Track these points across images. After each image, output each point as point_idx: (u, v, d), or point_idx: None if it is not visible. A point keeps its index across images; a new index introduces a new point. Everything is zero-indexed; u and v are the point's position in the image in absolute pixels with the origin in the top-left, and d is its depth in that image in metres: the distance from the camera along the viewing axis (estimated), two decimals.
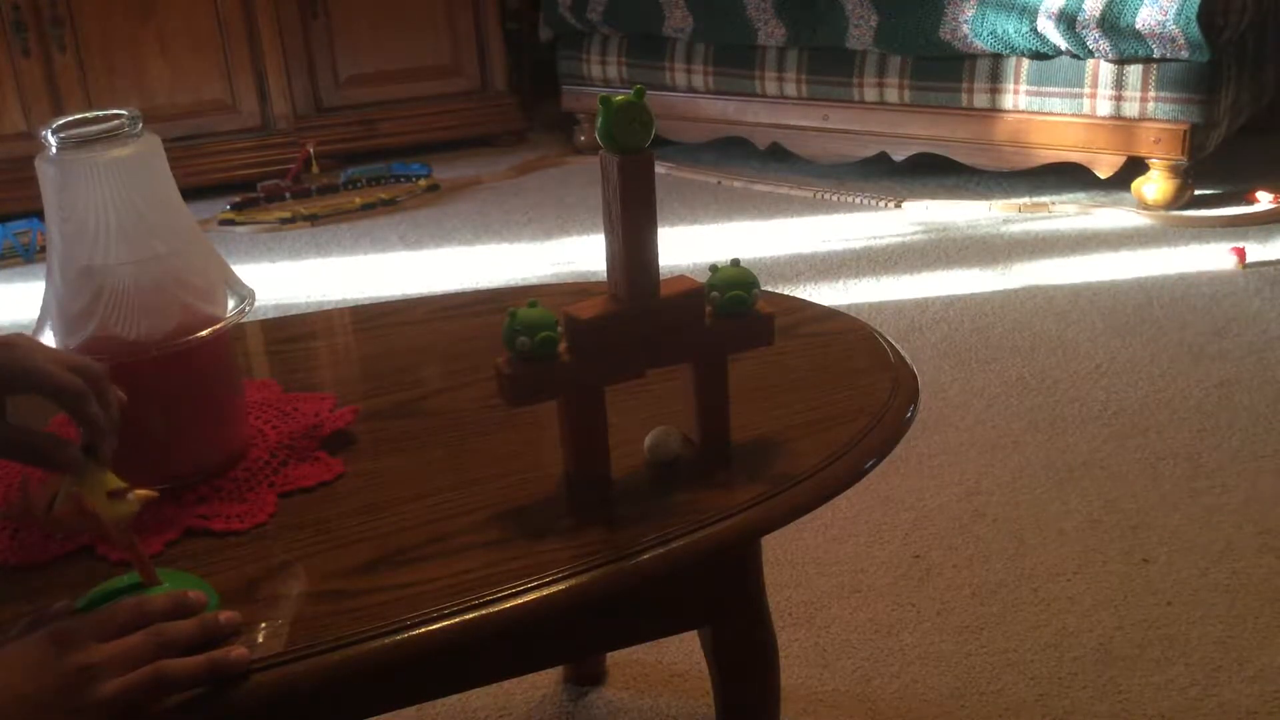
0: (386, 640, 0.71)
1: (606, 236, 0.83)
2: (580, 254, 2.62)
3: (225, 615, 0.71)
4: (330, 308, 2.26)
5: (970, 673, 1.29)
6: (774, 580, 1.45)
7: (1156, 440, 1.72)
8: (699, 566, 0.83)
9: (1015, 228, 2.61)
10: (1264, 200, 2.60)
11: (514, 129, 3.51)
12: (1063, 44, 2.54)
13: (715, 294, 0.86)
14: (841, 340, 1.07)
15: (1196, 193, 2.65)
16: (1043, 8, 2.52)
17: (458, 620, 0.73)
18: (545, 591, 0.75)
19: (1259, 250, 2.37)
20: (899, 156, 2.88)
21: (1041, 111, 2.66)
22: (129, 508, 0.75)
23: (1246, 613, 1.36)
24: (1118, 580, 1.43)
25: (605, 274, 0.85)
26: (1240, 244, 2.37)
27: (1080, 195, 2.76)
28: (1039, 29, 2.54)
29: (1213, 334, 2.04)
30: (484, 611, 0.73)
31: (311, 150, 3.18)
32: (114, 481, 0.74)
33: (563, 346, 0.82)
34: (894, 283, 2.35)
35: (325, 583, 0.77)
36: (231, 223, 2.94)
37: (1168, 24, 2.40)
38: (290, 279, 2.59)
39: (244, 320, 0.91)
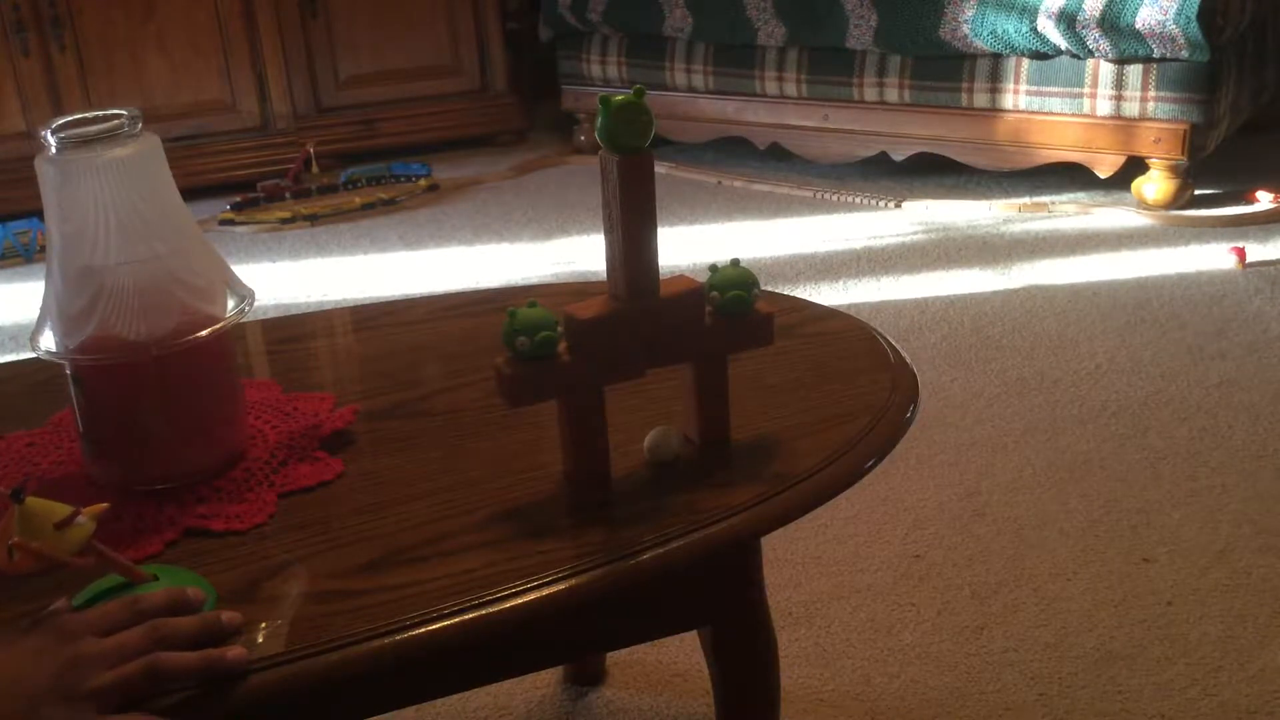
0: (386, 640, 0.71)
1: (606, 236, 0.83)
2: (580, 254, 2.62)
3: (227, 615, 0.71)
4: (330, 308, 2.26)
5: (970, 673, 1.29)
6: (774, 580, 1.45)
7: (1156, 440, 1.72)
8: (698, 566, 0.83)
9: (1015, 228, 2.61)
10: (1264, 200, 2.60)
11: (514, 129, 3.50)
12: (1063, 44, 2.54)
13: (715, 294, 0.86)
14: (841, 340, 1.07)
15: (1196, 193, 2.65)
16: (1043, 7, 2.52)
17: (458, 620, 0.73)
18: (545, 591, 0.75)
19: (1259, 250, 2.37)
20: (899, 156, 2.88)
21: (1041, 111, 2.66)
22: (82, 531, 0.71)
23: (1246, 613, 1.36)
24: (1118, 580, 1.43)
25: (605, 274, 0.85)
26: (1240, 244, 2.37)
27: (1080, 195, 2.76)
28: (1039, 29, 2.54)
29: (1213, 334, 2.04)
30: (484, 611, 0.73)
31: (311, 150, 3.18)
32: (58, 510, 0.71)
33: (562, 346, 0.82)
34: (894, 283, 2.35)
35: (325, 583, 0.77)
36: (231, 223, 2.94)
37: (1168, 24, 2.40)
38: (290, 279, 2.59)
39: (244, 320, 0.91)
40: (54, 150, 0.83)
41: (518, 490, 0.86)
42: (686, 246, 2.61)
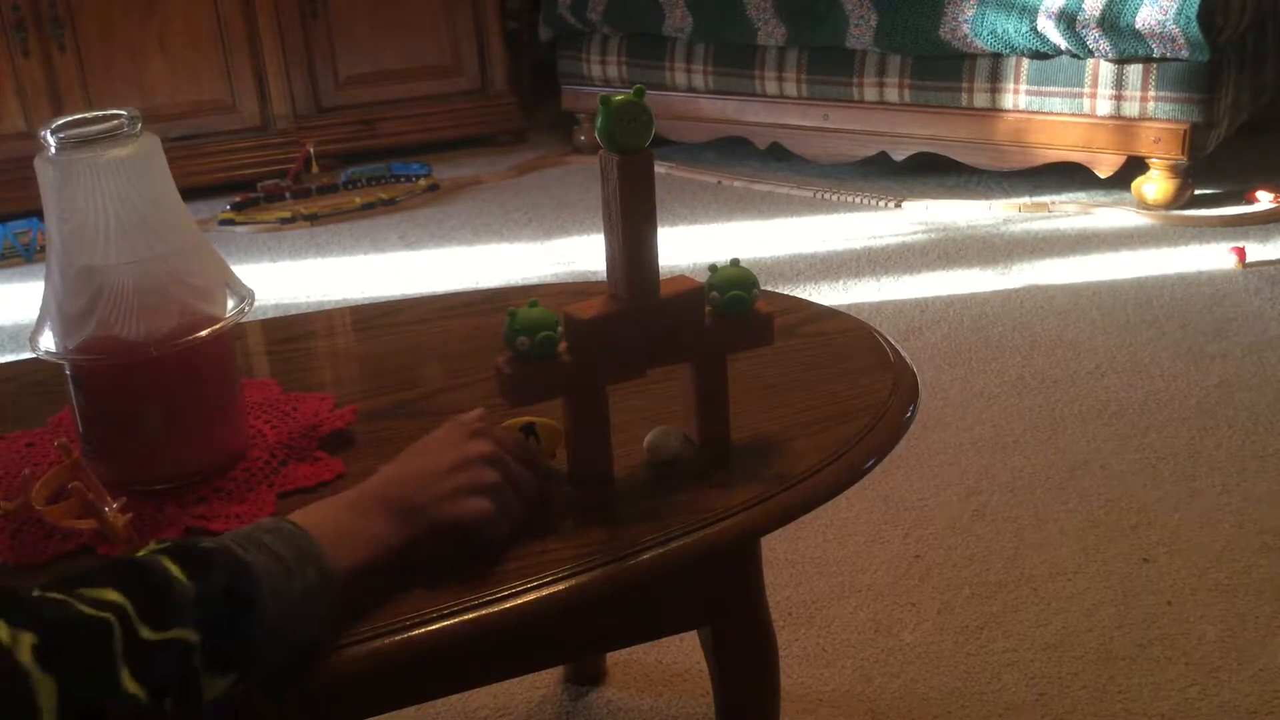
0: (386, 640, 0.71)
1: (606, 236, 0.83)
2: (580, 254, 2.62)
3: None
4: (330, 308, 2.26)
5: (970, 673, 1.29)
6: (774, 580, 1.45)
7: (1156, 440, 1.72)
8: (699, 566, 0.83)
9: (1015, 227, 2.61)
10: (1264, 200, 2.60)
11: (514, 129, 3.50)
12: (1063, 43, 2.54)
13: (715, 294, 0.86)
14: (841, 340, 1.07)
15: (1196, 192, 2.65)
16: (1043, 7, 2.52)
17: (458, 620, 0.73)
18: (545, 591, 0.75)
19: (1259, 250, 2.37)
20: (899, 156, 2.88)
21: (1041, 111, 2.66)
22: (123, 518, 0.77)
23: (1246, 613, 1.36)
24: (1118, 580, 1.43)
25: (605, 274, 0.85)
26: (1240, 244, 2.37)
27: (1080, 195, 2.76)
28: (1039, 28, 2.54)
29: (1213, 334, 2.04)
30: (484, 611, 0.73)
31: (311, 150, 3.18)
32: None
33: (563, 346, 0.82)
34: (894, 283, 2.35)
35: None
36: (231, 223, 2.94)
37: (1168, 23, 2.40)
38: (290, 279, 2.59)
39: (244, 320, 0.91)
40: (54, 150, 0.83)
41: None
42: (686, 246, 2.61)
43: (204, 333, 0.86)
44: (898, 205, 2.79)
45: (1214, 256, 2.37)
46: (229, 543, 0.67)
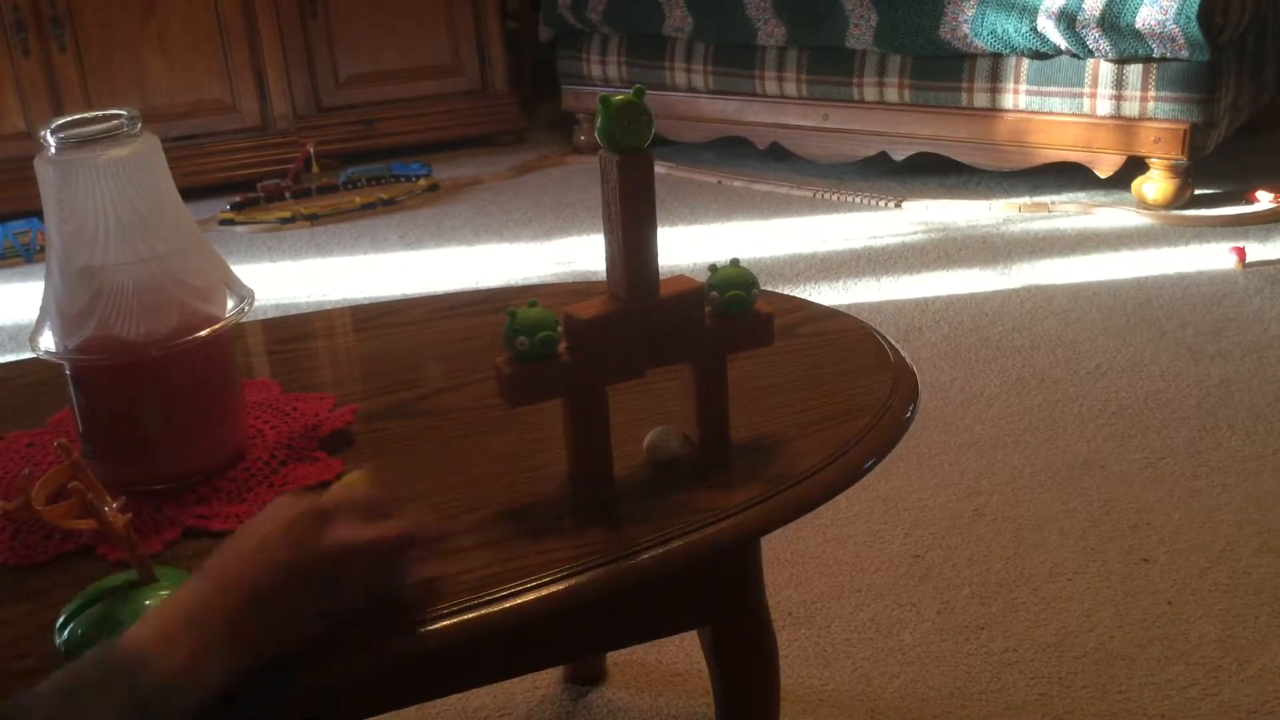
0: (386, 640, 0.71)
1: (606, 236, 0.83)
2: (580, 254, 2.62)
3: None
4: (330, 308, 2.26)
5: (970, 673, 1.29)
6: (774, 580, 1.45)
7: (1156, 440, 1.72)
8: (698, 566, 0.83)
9: (1015, 227, 2.61)
10: (1264, 200, 2.60)
11: (514, 129, 3.50)
12: (1063, 43, 2.54)
13: (715, 294, 0.86)
14: (841, 340, 1.07)
15: (1196, 192, 2.65)
16: (1043, 7, 2.52)
17: (458, 620, 0.73)
18: (545, 591, 0.75)
19: (1259, 250, 2.37)
20: (899, 156, 2.88)
21: (1041, 111, 2.66)
22: (124, 519, 0.76)
23: (1246, 613, 1.36)
24: (1118, 580, 1.43)
25: (605, 274, 0.85)
26: (1240, 244, 2.37)
27: (1080, 195, 2.76)
28: (1039, 28, 2.54)
29: (1213, 334, 2.04)
30: (484, 611, 0.73)
31: (311, 150, 3.18)
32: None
33: (562, 346, 0.82)
34: (894, 283, 2.35)
35: None
36: (231, 223, 2.94)
37: (1168, 23, 2.40)
38: (290, 279, 2.59)
39: (244, 320, 0.91)
40: (54, 150, 0.83)
41: (518, 490, 0.86)
42: (686, 246, 2.61)
43: (204, 333, 0.86)
44: (898, 205, 2.79)
45: (1214, 256, 2.37)
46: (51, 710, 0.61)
